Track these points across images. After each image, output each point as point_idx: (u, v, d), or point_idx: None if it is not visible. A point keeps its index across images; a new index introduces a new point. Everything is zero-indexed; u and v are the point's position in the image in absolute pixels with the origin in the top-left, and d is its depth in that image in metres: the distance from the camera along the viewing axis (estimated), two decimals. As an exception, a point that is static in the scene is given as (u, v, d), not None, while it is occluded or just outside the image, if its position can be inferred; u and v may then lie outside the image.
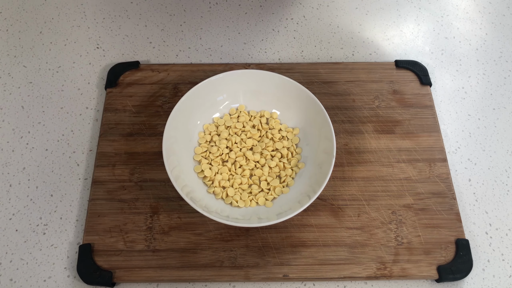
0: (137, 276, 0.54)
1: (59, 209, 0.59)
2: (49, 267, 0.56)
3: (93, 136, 0.64)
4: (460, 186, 0.62)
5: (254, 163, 0.60)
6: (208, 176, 0.58)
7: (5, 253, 0.56)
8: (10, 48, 0.73)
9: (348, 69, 0.69)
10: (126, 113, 0.64)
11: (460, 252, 0.55)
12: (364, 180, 0.60)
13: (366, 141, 0.63)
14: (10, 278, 0.55)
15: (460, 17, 0.78)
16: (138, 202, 0.58)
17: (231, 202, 0.57)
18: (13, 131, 0.65)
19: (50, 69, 0.71)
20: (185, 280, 0.54)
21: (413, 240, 0.56)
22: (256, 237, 0.56)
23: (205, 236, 0.56)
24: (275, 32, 0.76)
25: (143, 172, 0.60)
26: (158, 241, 0.55)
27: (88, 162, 0.62)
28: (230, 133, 0.61)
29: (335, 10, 0.78)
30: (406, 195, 0.59)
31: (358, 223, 0.57)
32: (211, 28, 0.76)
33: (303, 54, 0.73)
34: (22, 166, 0.62)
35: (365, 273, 0.54)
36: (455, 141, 0.65)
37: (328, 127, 0.57)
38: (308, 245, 0.56)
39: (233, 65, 0.69)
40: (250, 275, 0.54)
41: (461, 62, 0.73)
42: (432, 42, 0.75)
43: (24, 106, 0.67)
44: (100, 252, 0.55)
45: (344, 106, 0.66)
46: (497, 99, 0.69)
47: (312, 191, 0.54)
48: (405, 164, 0.61)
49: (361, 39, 0.75)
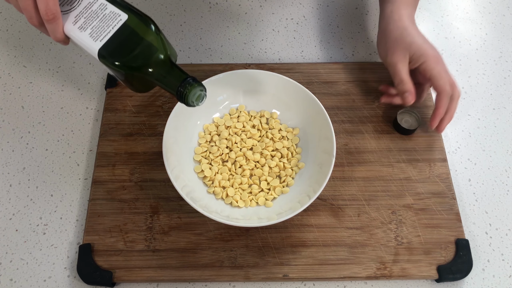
0: (137, 276, 0.54)
1: (59, 209, 0.59)
2: (49, 267, 0.56)
3: (93, 136, 0.64)
4: (460, 186, 0.62)
5: (254, 163, 0.60)
6: (208, 176, 0.58)
7: (5, 253, 0.56)
8: (10, 48, 0.73)
9: (348, 69, 0.69)
10: (126, 113, 0.64)
11: (460, 252, 0.55)
12: (364, 180, 0.60)
13: (366, 141, 0.63)
14: (10, 278, 0.55)
15: (460, 17, 0.78)
16: (138, 202, 0.58)
17: (231, 202, 0.57)
18: (13, 131, 0.65)
19: (50, 69, 0.71)
20: (185, 280, 0.54)
21: (413, 240, 0.56)
22: (256, 237, 0.56)
23: (205, 236, 0.56)
24: (275, 32, 0.76)
25: (143, 172, 0.60)
26: (158, 241, 0.55)
27: (88, 162, 0.62)
28: (230, 133, 0.61)
29: (335, 10, 0.78)
30: (406, 195, 0.59)
31: (358, 223, 0.57)
32: (211, 28, 0.76)
33: (303, 54, 0.73)
34: (22, 166, 0.62)
35: (365, 273, 0.54)
36: (455, 141, 0.65)
37: (328, 127, 0.57)
38: (308, 245, 0.56)
39: (233, 65, 0.69)
40: (250, 275, 0.54)
41: (461, 62, 0.73)
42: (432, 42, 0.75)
43: (24, 106, 0.67)
44: (100, 252, 0.55)
45: (344, 106, 0.66)
46: (497, 99, 0.69)
47: (312, 191, 0.54)
48: (405, 164, 0.61)
49: (361, 39, 0.75)
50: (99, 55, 0.45)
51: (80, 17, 0.46)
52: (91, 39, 0.45)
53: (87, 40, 0.45)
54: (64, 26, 0.46)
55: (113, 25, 0.45)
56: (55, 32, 0.46)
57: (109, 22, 0.45)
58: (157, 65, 0.45)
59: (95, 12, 0.46)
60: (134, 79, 0.47)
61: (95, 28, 0.45)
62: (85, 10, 0.46)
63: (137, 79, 0.47)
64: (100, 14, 0.46)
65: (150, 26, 0.46)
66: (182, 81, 0.45)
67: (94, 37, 0.45)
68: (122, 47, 0.45)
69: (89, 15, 0.46)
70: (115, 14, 0.46)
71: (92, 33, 0.45)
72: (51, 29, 0.45)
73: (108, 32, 0.45)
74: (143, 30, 0.45)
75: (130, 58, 0.45)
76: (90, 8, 0.46)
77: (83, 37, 0.46)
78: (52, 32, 0.46)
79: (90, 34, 0.45)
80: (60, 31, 0.46)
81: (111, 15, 0.46)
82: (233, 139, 0.60)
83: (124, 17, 0.45)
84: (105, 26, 0.45)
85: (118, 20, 0.45)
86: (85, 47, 0.46)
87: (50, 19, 0.44)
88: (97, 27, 0.45)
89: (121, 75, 0.46)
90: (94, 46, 0.45)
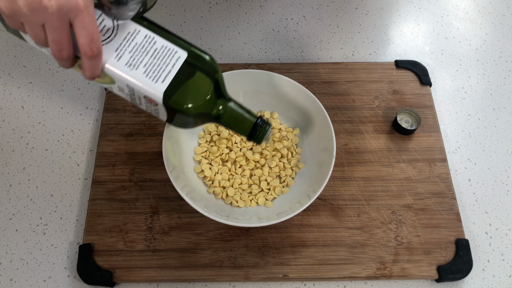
0: (137, 276, 0.54)
1: (59, 209, 0.59)
2: (49, 267, 0.56)
3: (93, 136, 0.64)
4: (460, 186, 0.62)
5: (254, 163, 0.60)
6: (208, 176, 0.58)
7: (5, 253, 0.56)
8: (10, 48, 0.73)
9: (348, 69, 0.69)
10: (126, 113, 0.64)
11: (460, 252, 0.55)
12: (364, 180, 0.60)
13: (366, 141, 0.63)
14: (10, 278, 0.55)
15: (460, 17, 0.78)
16: (138, 202, 0.58)
17: (231, 202, 0.57)
18: (13, 131, 0.65)
19: (50, 69, 0.71)
20: (185, 280, 0.54)
21: (413, 240, 0.56)
22: (256, 237, 0.56)
23: (205, 236, 0.56)
24: (275, 32, 0.76)
25: (143, 172, 0.60)
26: (158, 241, 0.55)
27: (88, 162, 0.62)
28: (230, 133, 0.61)
29: (335, 10, 0.78)
30: (406, 195, 0.59)
31: (358, 223, 0.57)
32: (211, 28, 0.76)
33: (303, 54, 0.73)
34: (22, 166, 0.62)
35: (365, 273, 0.54)
36: (455, 141, 0.65)
37: (328, 127, 0.57)
38: (308, 245, 0.56)
39: (233, 65, 0.69)
40: (250, 275, 0.54)
41: (461, 62, 0.73)
42: (432, 42, 0.75)
43: (24, 106, 0.67)
44: (100, 252, 0.55)
45: (344, 106, 0.66)
46: (497, 99, 0.69)
47: (312, 191, 0.54)
48: (405, 164, 0.61)
49: (361, 39, 0.75)
50: (164, 98, 0.39)
51: (123, 52, 0.39)
52: (150, 80, 0.39)
53: (143, 80, 0.39)
54: (104, 62, 0.39)
55: (171, 63, 0.39)
56: (94, 68, 0.38)
57: (166, 60, 0.39)
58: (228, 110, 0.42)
59: (143, 47, 0.39)
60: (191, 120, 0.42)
61: (149, 66, 0.39)
62: (127, 43, 0.39)
63: (194, 120, 0.42)
64: (150, 49, 0.39)
65: (215, 62, 0.41)
66: (254, 125, 0.44)
67: (151, 77, 0.39)
68: (191, 89, 0.40)
69: (135, 50, 0.39)
70: (169, 50, 0.40)
71: (148, 72, 0.39)
72: (90, 66, 0.37)
73: (169, 72, 0.39)
74: (210, 68, 0.41)
75: (202, 102, 0.40)
76: (132, 40, 0.39)
77: (137, 77, 0.39)
78: (90, 68, 0.37)
79: (145, 73, 0.39)
80: (100, 67, 0.38)
81: (164, 50, 0.40)
82: (233, 139, 0.60)
83: (182, 54, 0.40)
84: (162, 64, 0.39)
85: (177, 57, 0.40)
86: (140, 87, 0.39)
87: (94, 55, 0.36)
88: (151, 64, 0.39)
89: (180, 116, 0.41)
90: (156, 88, 0.39)
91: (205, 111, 0.42)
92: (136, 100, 0.42)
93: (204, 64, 0.41)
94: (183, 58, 0.40)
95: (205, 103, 0.41)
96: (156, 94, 0.39)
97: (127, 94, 0.42)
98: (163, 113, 0.42)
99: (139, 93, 0.40)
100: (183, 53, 0.40)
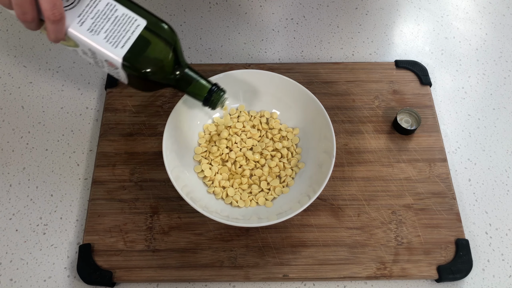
0: (137, 276, 0.54)
1: (59, 209, 0.59)
2: (49, 267, 0.56)
3: (93, 136, 0.64)
4: (460, 186, 0.62)
5: (254, 163, 0.60)
6: (208, 176, 0.58)
7: (5, 253, 0.56)
8: (10, 48, 0.73)
9: (348, 69, 0.69)
10: (126, 113, 0.64)
11: (460, 252, 0.55)
12: (364, 180, 0.60)
13: (366, 141, 0.63)
14: (10, 278, 0.55)
15: (460, 17, 0.78)
16: (138, 202, 0.58)
17: (231, 202, 0.57)
18: (13, 131, 0.65)
19: (50, 69, 0.71)
20: (185, 280, 0.54)
21: (413, 240, 0.56)
22: (256, 237, 0.56)
23: (205, 236, 0.56)
24: (275, 32, 0.76)
25: (143, 172, 0.60)
26: (158, 241, 0.55)
27: (88, 162, 0.62)
28: (230, 133, 0.61)
29: (335, 10, 0.78)
30: (406, 195, 0.59)
31: (358, 223, 0.57)
32: (211, 28, 0.76)
33: (303, 54, 0.73)
34: (22, 166, 0.62)
35: (365, 273, 0.54)
36: (455, 141, 0.65)
37: (328, 127, 0.57)
38: (308, 245, 0.56)
39: (233, 65, 0.69)
40: (250, 275, 0.54)
41: (461, 62, 0.73)
42: (432, 42, 0.75)
43: (24, 106, 0.67)
44: (100, 252, 0.55)
45: (344, 106, 0.66)
46: (497, 99, 0.69)
47: (312, 191, 0.54)
48: (405, 164, 0.61)
49: (361, 39, 0.75)
50: (124, 62, 0.42)
51: (86, 18, 0.42)
52: (110, 45, 0.42)
53: (104, 45, 0.42)
54: (68, 27, 0.42)
55: (131, 30, 0.42)
56: (58, 32, 0.41)
57: (125, 27, 0.42)
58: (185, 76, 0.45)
59: (104, 13, 0.42)
60: (150, 84, 0.45)
61: (110, 32, 0.42)
62: (89, 9, 0.42)
63: (153, 84, 0.45)
64: (111, 16, 0.42)
65: (174, 31, 0.44)
66: (209, 90, 0.47)
67: (111, 42, 0.42)
68: (149, 54, 0.43)
69: (97, 16, 0.42)
70: (129, 18, 0.43)
71: (108, 38, 0.42)
72: (54, 29, 0.40)
73: (128, 38, 0.42)
74: (168, 36, 0.43)
75: (160, 67, 0.44)
76: (94, 7, 0.42)
77: (98, 41, 0.42)
78: (54, 32, 0.41)
79: (105, 38, 0.42)
80: (63, 31, 0.41)
81: (124, 18, 0.42)
82: (233, 139, 0.60)
83: (141, 22, 0.43)
84: (122, 30, 0.42)
85: (136, 24, 0.42)
86: (101, 51, 0.42)
87: (57, 19, 0.39)
88: (112, 31, 0.42)
89: (139, 80, 0.44)
90: (115, 52, 0.42)
91: (162, 76, 0.45)
92: (99, 63, 0.45)
93: (163, 32, 0.44)
94: (142, 25, 0.43)
95: (161, 68, 0.44)
96: (116, 58, 0.42)
97: (90, 57, 0.45)
98: (123, 76, 0.45)
99: (101, 56, 0.43)
100: (143, 21, 0.43)
